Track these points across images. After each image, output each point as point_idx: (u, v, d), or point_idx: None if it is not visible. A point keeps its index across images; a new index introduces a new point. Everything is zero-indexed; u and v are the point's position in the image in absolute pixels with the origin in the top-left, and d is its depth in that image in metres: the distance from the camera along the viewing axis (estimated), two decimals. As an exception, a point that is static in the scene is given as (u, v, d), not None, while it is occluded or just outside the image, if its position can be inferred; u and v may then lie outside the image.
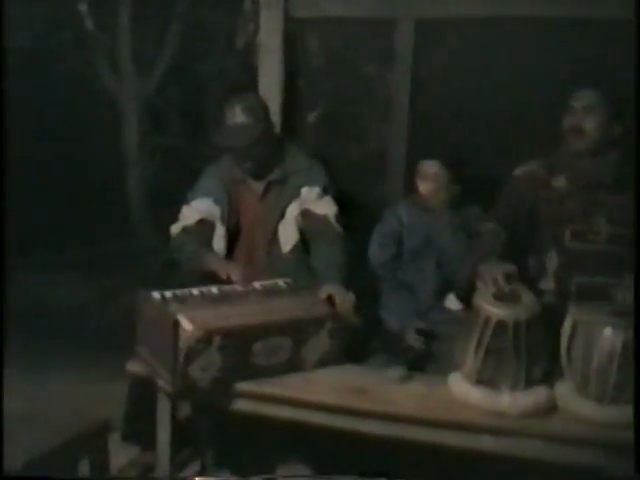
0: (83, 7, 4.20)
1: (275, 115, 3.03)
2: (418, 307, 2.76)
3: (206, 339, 2.22)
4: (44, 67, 4.05)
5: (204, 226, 2.83)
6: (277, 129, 3.08)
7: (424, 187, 2.80)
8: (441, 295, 2.76)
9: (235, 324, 2.28)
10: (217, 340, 2.24)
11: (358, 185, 3.29)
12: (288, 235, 2.81)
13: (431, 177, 2.79)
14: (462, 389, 2.26)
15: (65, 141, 4.12)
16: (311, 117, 3.43)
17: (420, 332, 2.63)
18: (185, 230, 2.84)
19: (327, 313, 2.42)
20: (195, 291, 2.46)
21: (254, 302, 2.43)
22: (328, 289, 2.51)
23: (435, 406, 2.23)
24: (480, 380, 2.22)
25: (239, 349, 2.28)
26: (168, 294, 2.41)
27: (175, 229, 2.87)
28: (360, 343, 2.55)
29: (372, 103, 3.32)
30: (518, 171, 2.59)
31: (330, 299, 2.48)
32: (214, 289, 2.50)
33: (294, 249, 2.81)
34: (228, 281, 2.60)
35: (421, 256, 2.81)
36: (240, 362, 2.29)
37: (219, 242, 2.84)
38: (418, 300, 2.77)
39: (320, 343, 2.40)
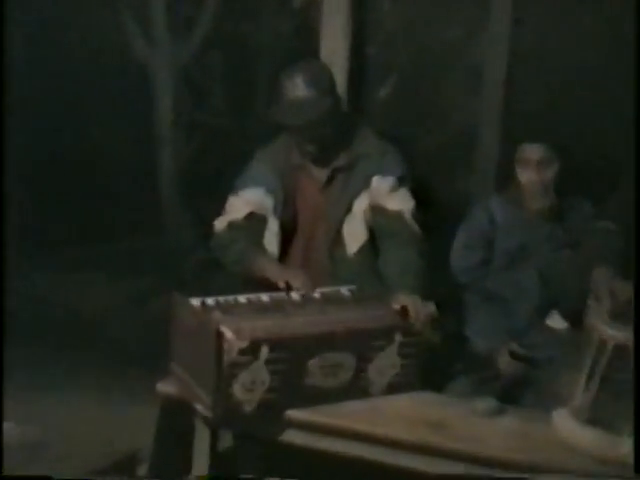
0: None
1: (340, 88, 3.05)
2: (513, 325, 2.77)
3: (251, 350, 2.24)
4: (62, 31, 4.10)
5: (254, 221, 2.87)
6: (344, 105, 3.10)
7: (526, 178, 2.79)
8: (542, 311, 2.77)
9: (285, 334, 2.31)
10: (264, 351, 2.25)
11: (440, 175, 3.31)
12: (355, 234, 2.82)
13: (534, 165, 2.77)
14: (569, 429, 2.22)
15: (86, 118, 4.17)
16: (383, 91, 3.46)
17: (515, 356, 2.65)
18: (232, 225, 2.87)
19: (396, 323, 2.43)
20: (242, 298, 2.49)
21: (311, 312, 2.45)
22: (401, 299, 2.51)
23: (533, 448, 2.19)
24: (593, 419, 2.18)
25: (291, 365, 2.30)
26: (209, 301, 2.44)
27: (219, 224, 2.90)
28: (439, 366, 2.56)
29: (458, 74, 3.35)
30: None
31: (404, 311, 2.48)
32: (264, 297, 2.52)
33: (361, 251, 2.81)
34: (285, 289, 2.62)
35: (517, 263, 2.83)
36: (292, 382, 2.31)
37: (271, 240, 2.86)
38: (513, 316, 2.78)
39: (389, 362, 2.41)
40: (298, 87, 2.74)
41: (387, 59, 3.40)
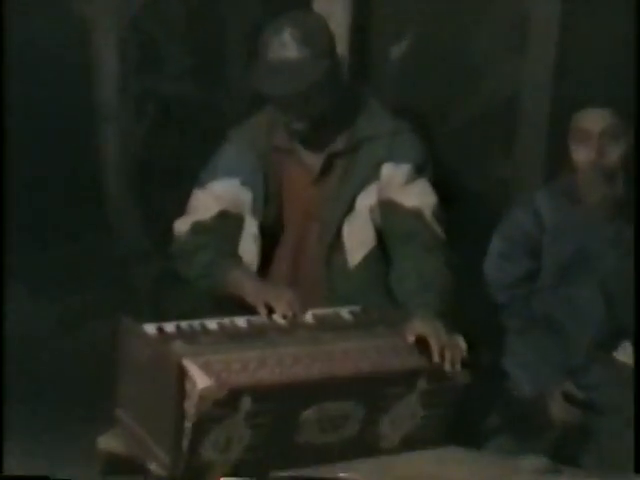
0: None
1: (340, 48, 3.04)
2: (568, 358, 2.77)
3: (230, 402, 2.21)
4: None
5: (226, 222, 2.88)
6: (344, 71, 3.12)
7: (583, 157, 2.79)
8: (607, 340, 2.77)
9: (275, 379, 2.28)
10: (246, 403, 2.23)
11: (470, 160, 3.34)
12: (359, 238, 2.83)
13: (596, 139, 2.77)
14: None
15: (5, 87, 4.13)
16: (396, 52, 3.46)
17: (571, 400, 2.63)
18: (197, 228, 2.88)
19: (420, 366, 2.42)
20: (211, 323, 2.49)
21: (303, 343, 2.44)
22: (418, 327, 2.50)
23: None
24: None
25: (280, 418, 2.28)
26: (169, 327, 2.44)
27: (181, 226, 2.92)
28: (472, 414, 2.57)
29: (495, 26, 3.36)
30: None
31: (422, 341, 2.47)
32: (241, 321, 2.52)
33: (368, 260, 2.83)
34: (266, 314, 2.62)
35: (573, 277, 2.83)
36: (280, 439, 2.30)
37: (249, 247, 2.87)
38: (568, 347, 2.78)
39: (408, 413, 2.42)
40: (286, 46, 2.74)
41: (400, 10, 3.41)
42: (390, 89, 3.39)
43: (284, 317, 2.59)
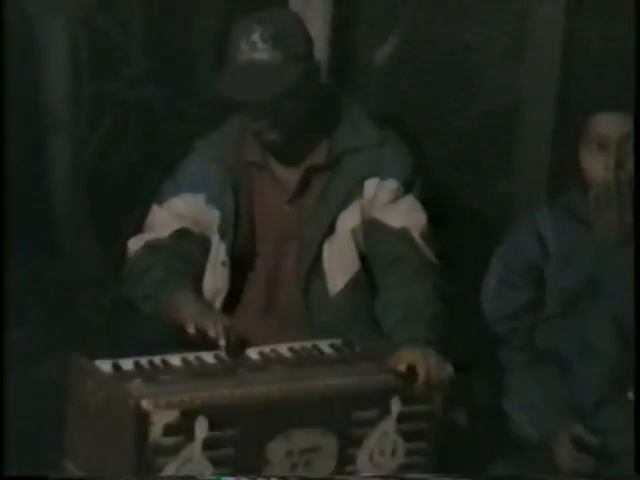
0: None
1: (317, 50, 3.03)
2: (577, 399, 2.76)
3: (183, 425, 2.22)
4: None
5: (186, 241, 2.87)
6: (323, 75, 3.14)
7: (597, 167, 2.78)
8: (621, 380, 2.75)
9: (234, 403, 2.30)
10: (203, 427, 2.23)
11: (465, 176, 3.33)
12: (340, 262, 2.82)
13: (613, 147, 2.76)
14: None
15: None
16: (381, 55, 3.44)
17: (582, 445, 2.62)
18: (151, 247, 2.87)
19: (392, 383, 2.44)
20: (175, 359, 2.49)
21: (278, 380, 2.42)
22: (406, 356, 2.50)
23: None
24: None
25: (243, 448, 2.28)
26: (126, 364, 2.43)
27: (134, 245, 2.91)
28: (468, 458, 2.56)
29: (495, 23, 3.35)
30: None
31: (411, 373, 2.47)
32: (208, 356, 2.52)
33: (350, 286, 2.82)
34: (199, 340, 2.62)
35: (582, 307, 2.82)
36: (244, 472, 2.29)
37: (217, 271, 2.87)
38: (577, 386, 2.77)
39: (387, 445, 2.42)
40: (256, 47, 2.73)
41: (386, 7, 3.39)
42: (376, 97, 3.40)
43: (221, 347, 2.57)
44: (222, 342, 2.56)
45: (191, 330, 2.60)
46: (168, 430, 2.20)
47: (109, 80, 4.17)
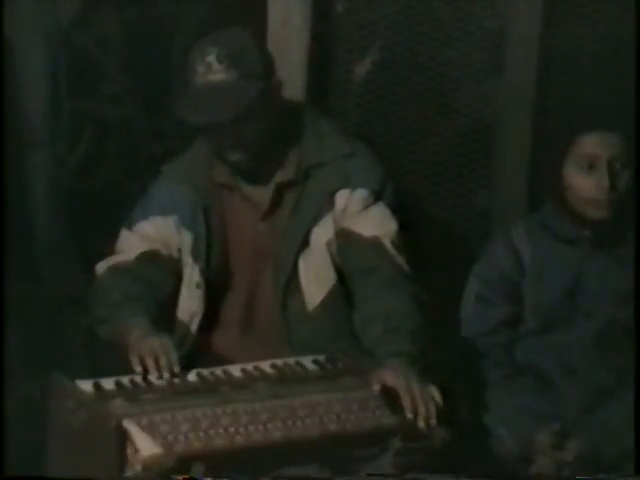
0: None
1: (296, 66, 3.09)
2: (557, 414, 2.74)
3: (179, 470, 2.19)
4: None
5: (154, 264, 2.86)
6: (300, 88, 3.15)
7: (587, 186, 2.77)
8: (603, 394, 2.76)
9: (228, 443, 2.26)
10: (198, 472, 2.21)
11: (440, 186, 3.31)
12: (317, 276, 2.83)
13: (604, 165, 2.75)
14: None
15: None
16: (361, 69, 3.41)
17: (562, 446, 2.61)
18: (115, 270, 2.87)
19: (392, 424, 2.40)
20: (157, 380, 2.47)
21: (261, 398, 2.41)
22: (388, 378, 2.49)
23: None
24: None
25: None
26: (107, 383, 2.43)
27: (100, 268, 2.92)
28: (451, 473, 2.50)
29: (473, 38, 3.36)
30: None
31: (387, 393, 2.46)
32: (190, 375, 2.52)
33: (328, 301, 2.82)
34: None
35: (561, 323, 2.83)
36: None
37: (192, 293, 2.86)
38: (557, 402, 2.77)
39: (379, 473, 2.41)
40: (212, 68, 2.74)
41: (366, 19, 3.37)
42: (354, 113, 3.38)
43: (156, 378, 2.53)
44: (162, 375, 2.52)
45: (135, 363, 2.55)
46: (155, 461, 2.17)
47: (88, 97, 4.14)
